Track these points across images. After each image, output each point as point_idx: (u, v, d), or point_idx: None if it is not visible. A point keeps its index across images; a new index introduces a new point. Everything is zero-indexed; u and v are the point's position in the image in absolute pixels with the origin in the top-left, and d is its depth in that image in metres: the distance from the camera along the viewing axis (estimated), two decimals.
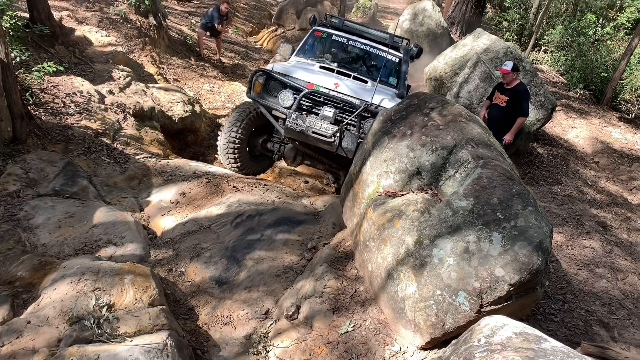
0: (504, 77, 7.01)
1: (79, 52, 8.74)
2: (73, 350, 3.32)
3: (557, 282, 5.50)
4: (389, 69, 7.57)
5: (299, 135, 6.05)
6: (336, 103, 6.09)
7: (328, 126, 5.95)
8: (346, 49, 7.81)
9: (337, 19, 8.47)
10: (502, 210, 3.56)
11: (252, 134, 6.93)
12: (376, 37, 8.11)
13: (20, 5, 9.01)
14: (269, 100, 6.33)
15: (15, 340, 3.40)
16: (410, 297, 3.70)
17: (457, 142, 4.17)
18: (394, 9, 22.90)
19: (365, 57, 7.79)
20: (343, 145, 5.95)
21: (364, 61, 7.77)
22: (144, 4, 11.17)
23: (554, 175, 9.81)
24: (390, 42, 7.79)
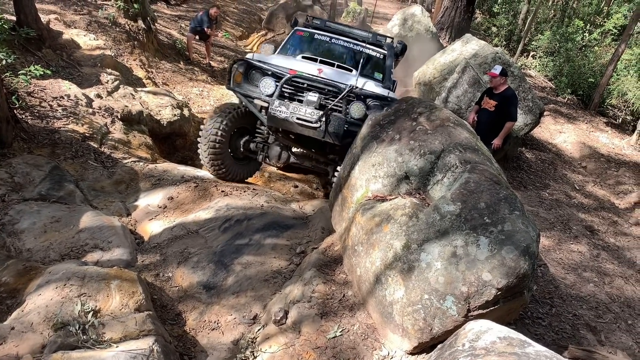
0: (492, 80, 7.05)
1: (66, 55, 8.68)
2: (57, 356, 3.27)
3: (544, 286, 5.53)
4: (374, 64, 7.49)
5: (283, 123, 5.79)
6: (320, 88, 5.83)
7: (313, 111, 5.70)
8: (329, 47, 7.65)
9: (319, 20, 8.39)
10: (489, 214, 3.58)
11: (233, 136, 6.65)
12: (359, 36, 8.04)
13: (7, 8, 8.94)
14: (250, 90, 6.06)
15: None
16: (398, 301, 3.69)
17: (445, 146, 4.18)
18: (384, 14, 23.00)
19: (349, 54, 7.65)
20: (330, 130, 5.70)
21: (348, 57, 7.62)
22: (133, 7, 11.13)
23: (542, 180, 9.87)
24: (373, 40, 7.77)
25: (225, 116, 6.34)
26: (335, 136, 5.73)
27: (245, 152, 6.82)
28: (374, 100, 5.80)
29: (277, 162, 6.67)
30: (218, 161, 6.46)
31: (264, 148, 6.75)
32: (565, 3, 21.93)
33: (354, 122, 5.74)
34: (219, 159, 6.45)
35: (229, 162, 6.64)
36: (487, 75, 7.82)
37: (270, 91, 5.86)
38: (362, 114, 5.73)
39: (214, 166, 6.51)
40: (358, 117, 5.75)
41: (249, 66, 6.05)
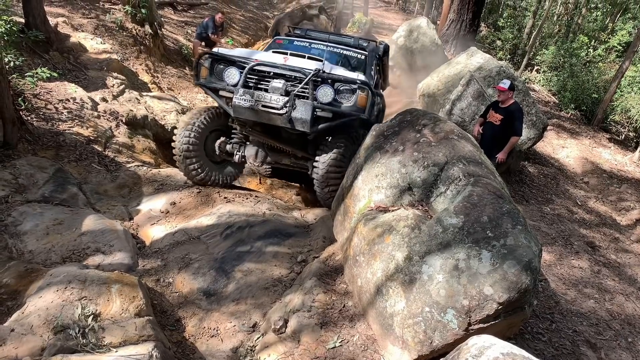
0: (500, 94, 7.06)
1: (73, 58, 8.74)
2: (57, 359, 3.27)
3: (545, 301, 5.51)
4: (353, 64, 7.31)
5: (249, 112, 5.53)
6: (286, 75, 5.58)
7: (279, 98, 5.45)
8: (306, 50, 7.38)
9: (301, 29, 8.42)
10: (492, 228, 3.58)
11: (208, 139, 6.45)
12: (341, 41, 8.00)
13: (16, 10, 9.00)
14: (217, 83, 5.84)
15: None
16: (399, 313, 3.69)
17: (448, 159, 4.19)
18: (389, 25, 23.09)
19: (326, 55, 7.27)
20: (296, 115, 5.43)
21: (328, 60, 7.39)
22: (140, 12, 11.20)
23: (544, 195, 9.87)
24: (356, 44, 7.75)
25: (197, 118, 6.22)
26: (302, 122, 5.47)
27: (222, 154, 6.61)
28: (344, 84, 5.58)
29: (254, 161, 6.43)
30: (193, 165, 6.31)
31: (240, 148, 6.54)
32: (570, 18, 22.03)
33: (323, 107, 5.53)
34: (194, 163, 6.30)
35: (207, 166, 6.48)
36: (495, 89, 7.82)
37: (235, 81, 5.69)
38: (330, 98, 5.52)
39: (191, 171, 6.36)
40: (326, 101, 5.52)
41: (214, 60, 5.88)
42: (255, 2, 27.13)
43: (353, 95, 5.55)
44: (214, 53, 5.91)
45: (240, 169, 7.08)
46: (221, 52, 5.94)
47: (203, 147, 6.36)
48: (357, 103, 5.53)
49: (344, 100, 5.58)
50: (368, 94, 5.52)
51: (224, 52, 5.96)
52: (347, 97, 5.59)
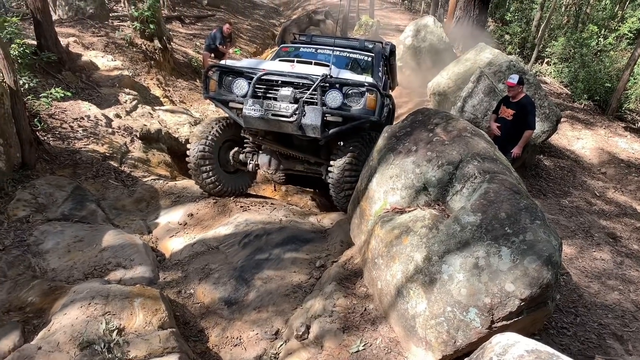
0: (510, 90, 7.01)
1: (85, 77, 8.86)
2: None
3: (568, 295, 5.45)
4: (360, 67, 7.28)
5: (259, 122, 5.59)
6: (294, 83, 5.61)
7: (288, 105, 5.49)
8: (312, 55, 7.32)
9: (305, 35, 8.39)
10: (510, 224, 3.56)
11: (221, 150, 6.53)
12: (346, 44, 7.93)
13: (28, 33, 9.16)
14: (226, 95, 5.89)
15: None
16: (421, 314, 3.67)
17: (463, 157, 4.18)
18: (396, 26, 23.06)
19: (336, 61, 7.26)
20: (306, 122, 5.45)
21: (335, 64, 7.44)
22: (149, 27, 11.32)
23: (562, 187, 9.76)
24: (361, 46, 7.72)
25: (209, 131, 6.27)
26: (313, 128, 5.51)
27: (236, 163, 6.69)
28: (352, 87, 5.58)
29: (268, 169, 6.50)
30: (210, 178, 6.36)
31: (254, 157, 6.59)
32: (578, 8, 21.82)
33: (332, 111, 5.54)
34: (209, 174, 6.34)
35: (221, 177, 6.52)
36: (504, 84, 7.76)
37: (244, 92, 5.72)
38: (339, 102, 5.54)
39: (206, 182, 6.39)
40: (335, 106, 5.54)
41: (222, 72, 5.92)
42: (262, 10, 27.30)
43: (362, 98, 5.56)
44: (221, 65, 5.93)
45: (252, 178, 7.16)
46: (228, 63, 5.97)
47: (217, 158, 6.41)
48: (367, 105, 5.52)
49: (353, 104, 5.58)
50: (377, 96, 5.51)
51: (232, 63, 5.99)
52: (356, 100, 5.59)
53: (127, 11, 12.80)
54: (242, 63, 6.14)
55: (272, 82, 5.66)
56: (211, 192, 6.55)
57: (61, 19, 11.83)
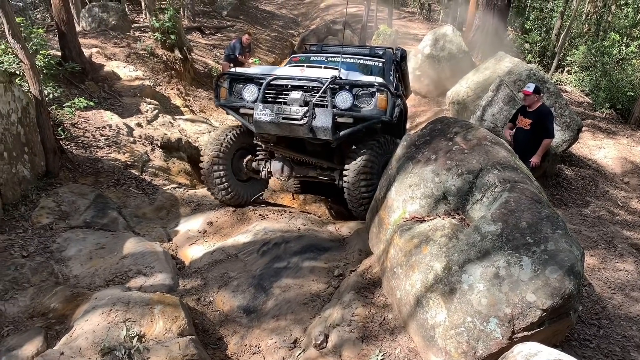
0: (526, 98, 6.95)
1: (108, 87, 9.02)
2: None
3: (590, 306, 5.36)
4: (372, 72, 7.17)
5: (270, 126, 5.59)
6: (304, 86, 5.60)
7: (298, 109, 5.48)
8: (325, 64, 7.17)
9: (316, 45, 8.34)
10: (531, 234, 3.52)
11: (234, 158, 6.54)
12: (357, 52, 7.90)
13: (52, 44, 9.35)
14: (237, 102, 5.90)
15: None
16: (441, 324, 3.65)
17: (483, 165, 4.15)
18: (414, 35, 23.06)
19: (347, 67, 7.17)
20: (317, 124, 5.45)
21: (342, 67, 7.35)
22: (169, 38, 11.49)
23: (583, 197, 9.63)
24: (372, 53, 7.66)
25: (224, 138, 6.30)
26: (324, 131, 5.51)
27: (249, 171, 6.70)
28: (362, 88, 5.56)
29: (281, 175, 6.40)
30: (224, 185, 6.36)
31: (266, 164, 6.56)
32: (599, 17, 21.59)
33: (343, 113, 5.51)
34: (224, 182, 6.35)
35: (234, 184, 6.52)
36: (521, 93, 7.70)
37: (254, 97, 5.73)
38: (349, 103, 5.52)
39: (221, 191, 6.40)
40: (345, 107, 5.52)
41: (232, 79, 5.93)
42: (280, 21, 27.52)
43: (372, 99, 5.53)
44: (231, 73, 5.95)
45: (265, 186, 7.18)
46: (238, 71, 6.00)
47: (230, 165, 6.44)
48: (377, 105, 5.50)
49: (363, 105, 5.56)
50: (387, 96, 5.49)
51: (241, 70, 6.02)
52: (367, 100, 5.57)
53: (148, 22, 13.03)
54: (252, 70, 6.16)
55: (282, 87, 5.67)
56: (222, 199, 6.52)
57: (84, 31, 12.07)
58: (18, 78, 6.76)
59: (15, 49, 5.77)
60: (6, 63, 6.99)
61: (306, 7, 33.14)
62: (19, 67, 6.80)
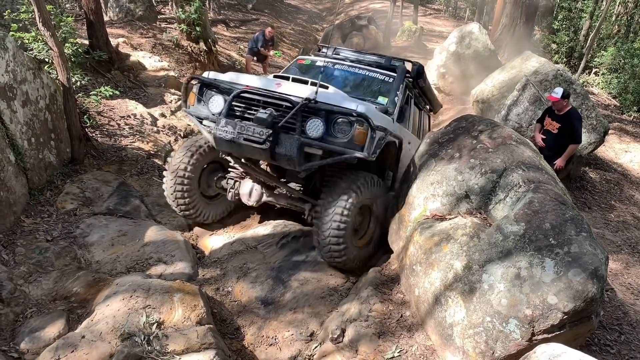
0: (554, 104, 6.79)
1: (133, 76, 9.11)
2: None
3: (612, 311, 5.27)
4: (378, 89, 6.38)
5: (230, 146, 4.88)
6: (275, 104, 4.77)
7: (262, 130, 4.68)
8: (331, 73, 6.62)
9: (329, 47, 7.46)
10: (554, 235, 3.48)
11: (204, 172, 5.85)
12: (370, 61, 7.01)
13: (80, 33, 9.48)
14: (203, 111, 5.18)
15: (70, 354, 3.50)
16: (459, 323, 3.63)
17: (507, 165, 4.11)
18: (440, 32, 22.88)
19: (346, 78, 6.62)
20: (280, 151, 4.69)
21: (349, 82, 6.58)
22: (195, 30, 11.55)
23: (607, 201, 9.47)
24: (387, 64, 6.81)
25: (195, 150, 5.63)
26: (288, 159, 4.75)
27: (218, 189, 5.99)
28: (339, 116, 4.68)
29: (248, 200, 5.65)
30: (185, 200, 5.69)
31: (235, 184, 5.83)
32: (630, 18, 21.15)
33: (312, 142, 4.67)
34: (186, 199, 5.69)
35: (198, 202, 5.87)
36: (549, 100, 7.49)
37: (219, 109, 4.99)
38: (319, 132, 4.65)
39: (181, 205, 5.74)
40: (316, 136, 4.66)
41: (203, 84, 5.22)
42: (305, 15, 27.52)
43: (350, 130, 4.65)
44: (201, 77, 5.27)
45: (232, 207, 6.38)
46: (211, 75, 5.31)
47: (197, 178, 5.77)
48: (354, 139, 4.60)
49: (340, 135, 4.68)
50: (368, 129, 4.57)
51: (214, 76, 5.31)
52: (343, 131, 4.69)
53: (174, 14, 13.09)
54: (226, 76, 5.39)
55: (253, 101, 4.88)
56: (181, 213, 5.89)
57: (112, 20, 12.20)
58: (47, 65, 6.87)
59: (45, 36, 5.85)
60: (36, 50, 7.09)
61: (331, 1, 33.09)
62: (48, 54, 6.90)
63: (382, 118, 5.25)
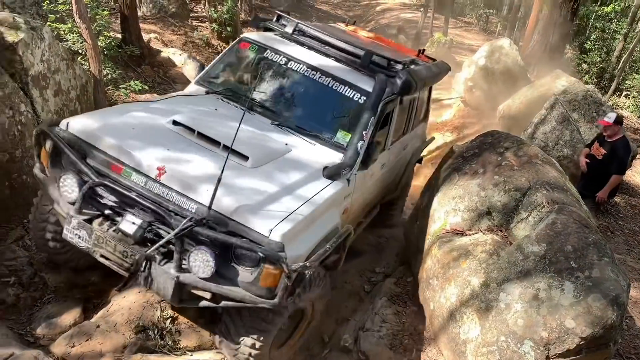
0: (606, 129, 6.53)
1: (163, 72, 9.23)
2: (137, 357, 3.45)
3: (630, 340, 5.17)
4: (338, 113, 4.38)
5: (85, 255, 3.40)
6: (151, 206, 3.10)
7: (126, 250, 3.12)
8: (277, 76, 4.56)
9: (289, 21, 4.99)
10: (576, 259, 3.43)
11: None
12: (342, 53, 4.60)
13: (114, 27, 9.64)
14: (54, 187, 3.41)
15: (84, 342, 3.56)
16: (473, 340, 3.59)
17: (531, 184, 4.06)
18: (469, 46, 22.74)
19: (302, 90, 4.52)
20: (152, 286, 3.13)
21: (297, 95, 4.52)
22: (226, 30, 11.69)
23: (632, 227, 9.28)
24: (364, 64, 4.44)
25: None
26: (164, 295, 3.18)
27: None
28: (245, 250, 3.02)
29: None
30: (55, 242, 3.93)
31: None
32: None
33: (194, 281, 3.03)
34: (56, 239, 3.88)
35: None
36: (599, 124, 7.17)
37: (73, 197, 3.26)
38: (208, 272, 2.98)
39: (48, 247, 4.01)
40: (203, 275, 3.00)
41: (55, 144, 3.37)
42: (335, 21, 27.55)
43: (255, 268, 3.04)
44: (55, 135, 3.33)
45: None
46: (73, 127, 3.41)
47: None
48: (260, 281, 3.00)
49: (241, 271, 3.08)
50: (282, 272, 2.94)
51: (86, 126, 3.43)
52: (247, 265, 3.09)
53: (206, 13, 13.26)
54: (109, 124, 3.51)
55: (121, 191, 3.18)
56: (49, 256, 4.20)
57: (145, 16, 12.39)
58: (80, 57, 7.00)
59: (81, 28, 5.97)
60: (70, 41, 7.23)
61: (362, 9, 33.10)
62: (82, 46, 7.03)
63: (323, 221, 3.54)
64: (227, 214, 3.05)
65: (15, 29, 4.93)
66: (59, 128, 3.42)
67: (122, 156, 3.27)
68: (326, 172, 3.74)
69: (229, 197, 3.10)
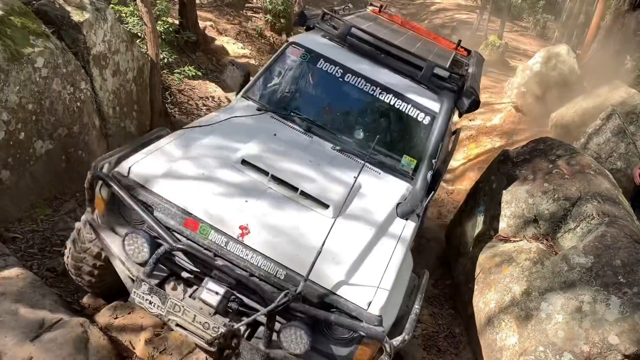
0: None
1: (216, 60, 9.39)
2: (175, 335, 3.54)
3: None
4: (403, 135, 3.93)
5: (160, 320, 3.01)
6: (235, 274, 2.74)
7: (208, 321, 2.74)
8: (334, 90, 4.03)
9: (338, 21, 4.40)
10: (624, 274, 3.33)
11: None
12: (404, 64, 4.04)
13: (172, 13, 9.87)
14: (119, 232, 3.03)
15: (127, 315, 3.68)
16: (510, 348, 3.54)
17: (582, 194, 3.96)
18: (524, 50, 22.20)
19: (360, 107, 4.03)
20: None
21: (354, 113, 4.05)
22: (279, 22, 11.78)
23: None
24: (425, 78, 3.93)
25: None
26: None
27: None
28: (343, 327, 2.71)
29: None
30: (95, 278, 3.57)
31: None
32: None
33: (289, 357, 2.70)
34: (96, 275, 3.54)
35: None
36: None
37: (142, 258, 2.85)
38: (302, 348, 2.63)
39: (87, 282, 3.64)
40: (296, 351, 2.66)
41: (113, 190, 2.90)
42: None
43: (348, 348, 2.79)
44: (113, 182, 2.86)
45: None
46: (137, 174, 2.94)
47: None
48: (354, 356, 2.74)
49: (332, 344, 2.81)
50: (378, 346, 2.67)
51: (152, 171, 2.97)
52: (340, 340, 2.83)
53: (261, 4, 13.39)
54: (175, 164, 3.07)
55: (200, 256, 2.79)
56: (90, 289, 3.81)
57: (202, 4, 12.60)
58: (139, 40, 7.19)
59: (142, 12, 6.12)
60: (131, 24, 7.43)
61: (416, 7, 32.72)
62: (142, 29, 7.22)
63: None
64: (324, 284, 2.68)
65: (81, 9, 5.11)
66: (119, 173, 2.93)
67: (199, 202, 2.87)
68: (400, 210, 3.34)
69: (322, 263, 2.66)
